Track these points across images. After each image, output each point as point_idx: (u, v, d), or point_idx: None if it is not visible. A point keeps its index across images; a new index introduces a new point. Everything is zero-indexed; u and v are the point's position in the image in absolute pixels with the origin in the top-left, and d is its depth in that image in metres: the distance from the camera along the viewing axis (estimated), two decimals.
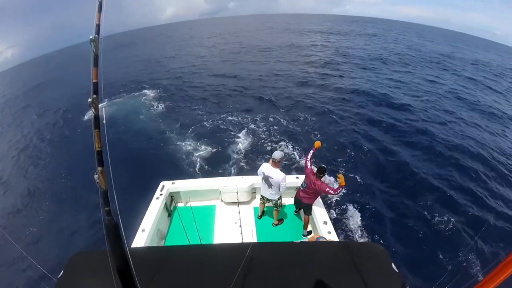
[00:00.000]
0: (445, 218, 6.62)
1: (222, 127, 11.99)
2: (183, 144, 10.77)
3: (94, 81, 1.28)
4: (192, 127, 12.04)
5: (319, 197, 4.70)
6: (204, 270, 2.00)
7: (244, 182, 5.04)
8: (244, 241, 4.17)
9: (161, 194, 4.90)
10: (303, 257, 2.16)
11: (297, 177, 5.12)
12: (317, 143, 4.29)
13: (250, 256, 1.93)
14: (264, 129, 11.55)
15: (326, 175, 4.47)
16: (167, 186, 5.12)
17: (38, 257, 6.17)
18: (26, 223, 7.69)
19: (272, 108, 13.27)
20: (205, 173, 8.68)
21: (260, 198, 4.75)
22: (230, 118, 12.78)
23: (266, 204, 4.80)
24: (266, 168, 4.33)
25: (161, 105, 15.18)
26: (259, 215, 4.97)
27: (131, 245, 3.89)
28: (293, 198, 5.05)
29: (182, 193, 5.29)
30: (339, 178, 3.80)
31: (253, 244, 2.09)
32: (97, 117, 1.28)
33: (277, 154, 4.20)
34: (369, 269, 1.97)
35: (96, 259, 2.01)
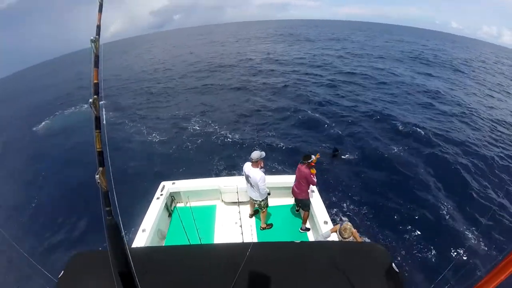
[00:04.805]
0: (445, 218, 6.62)
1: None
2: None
3: (95, 81, 1.28)
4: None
5: (319, 197, 4.72)
6: (204, 270, 2.00)
7: (245, 182, 5.05)
8: (244, 241, 4.17)
9: (161, 194, 4.90)
10: (303, 257, 2.15)
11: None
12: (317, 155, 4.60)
13: (251, 256, 1.93)
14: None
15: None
16: (167, 186, 5.13)
17: (38, 257, 6.17)
18: (25, 223, 7.70)
19: None
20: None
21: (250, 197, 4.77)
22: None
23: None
24: (247, 167, 4.33)
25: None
26: (250, 214, 4.98)
27: (131, 245, 3.90)
28: (287, 199, 5.08)
29: (183, 193, 5.28)
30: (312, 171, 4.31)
31: (254, 244, 2.08)
32: (98, 118, 1.28)
33: (254, 154, 4.17)
34: (369, 269, 1.97)
35: (96, 259, 2.01)
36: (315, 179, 4.34)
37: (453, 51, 42.03)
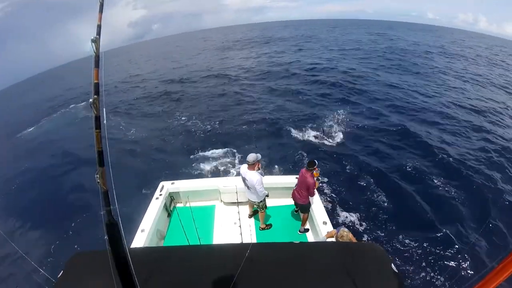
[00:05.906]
0: (445, 217, 6.60)
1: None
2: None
3: (95, 81, 1.28)
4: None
5: (318, 197, 4.71)
6: (203, 271, 1.99)
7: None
8: (243, 242, 4.17)
9: (160, 195, 4.90)
10: (303, 257, 2.16)
11: (296, 177, 5.13)
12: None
13: (250, 257, 1.93)
14: None
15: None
16: (166, 186, 5.12)
17: (37, 257, 6.15)
18: (25, 223, 7.68)
19: None
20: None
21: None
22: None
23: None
24: (243, 169, 4.34)
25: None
26: (250, 214, 5.02)
27: (130, 245, 3.89)
28: (287, 200, 5.09)
29: (182, 193, 5.28)
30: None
31: (253, 244, 2.09)
32: (98, 118, 1.28)
33: (249, 157, 4.15)
34: (369, 270, 1.97)
35: (95, 259, 2.01)
36: (315, 192, 4.36)
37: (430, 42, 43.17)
